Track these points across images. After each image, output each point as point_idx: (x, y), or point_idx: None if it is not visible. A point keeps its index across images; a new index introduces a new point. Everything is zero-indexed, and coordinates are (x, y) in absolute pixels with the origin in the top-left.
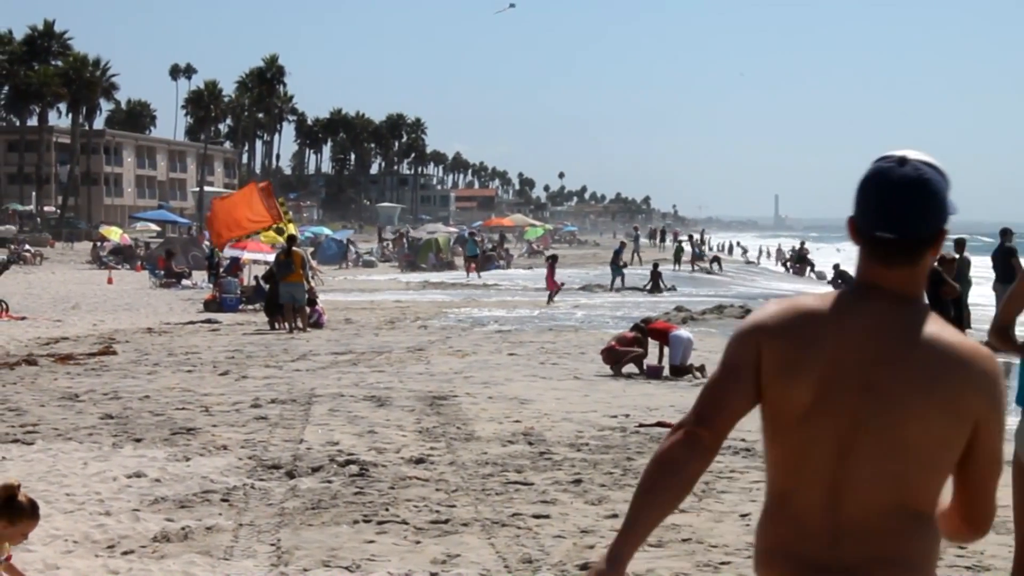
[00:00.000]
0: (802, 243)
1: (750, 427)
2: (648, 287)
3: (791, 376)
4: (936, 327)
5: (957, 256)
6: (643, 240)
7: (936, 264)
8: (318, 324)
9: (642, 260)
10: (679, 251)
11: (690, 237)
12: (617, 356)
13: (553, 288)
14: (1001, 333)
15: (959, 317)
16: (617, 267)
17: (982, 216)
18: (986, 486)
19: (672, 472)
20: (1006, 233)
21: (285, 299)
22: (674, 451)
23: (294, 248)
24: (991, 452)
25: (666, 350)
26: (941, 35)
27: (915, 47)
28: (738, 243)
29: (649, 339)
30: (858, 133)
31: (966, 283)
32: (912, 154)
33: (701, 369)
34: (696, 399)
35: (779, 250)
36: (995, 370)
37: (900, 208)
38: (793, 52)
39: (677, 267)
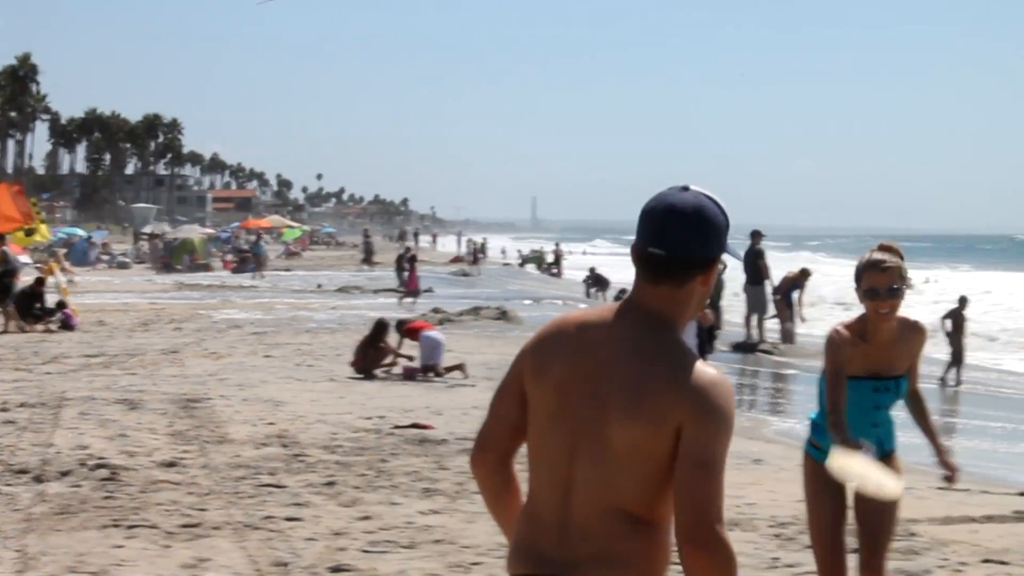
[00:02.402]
0: (557, 244)
1: None
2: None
3: (538, 380)
4: (666, 344)
5: None
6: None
7: None
8: (69, 326)
9: (377, 263)
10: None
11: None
12: (365, 366)
13: (414, 288)
14: (839, 426)
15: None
16: (401, 270)
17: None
18: (692, 492)
19: (489, 495)
20: (756, 235)
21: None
22: (479, 479)
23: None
24: (694, 457)
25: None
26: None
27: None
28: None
29: (406, 339)
30: (614, 140)
31: (719, 285)
32: (696, 186)
33: (461, 367)
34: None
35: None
36: (708, 383)
37: (673, 228)
38: (548, 64)
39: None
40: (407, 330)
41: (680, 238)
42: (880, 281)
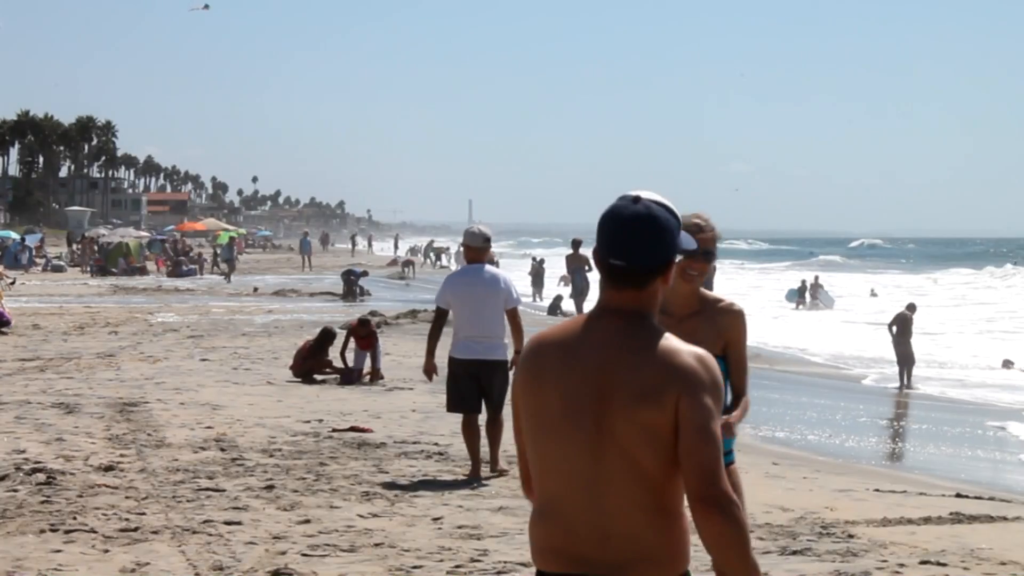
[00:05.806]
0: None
1: (443, 431)
2: (342, 293)
3: (533, 388)
4: (645, 334)
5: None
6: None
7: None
8: (3, 321)
9: (313, 265)
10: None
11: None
12: (304, 370)
13: None
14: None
15: None
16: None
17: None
18: (697, 457)
19: None
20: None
21: None
22: None
23: None
24: (694, 424)
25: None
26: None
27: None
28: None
29: (352, 339)
30: (550, 143)
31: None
32: (646, 194)
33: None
34: None
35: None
36: (695, 358)
37: (629, 240)
38: (484, 65)
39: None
40: (361, 338)
41: (636, 249)
42: (700, 242)
